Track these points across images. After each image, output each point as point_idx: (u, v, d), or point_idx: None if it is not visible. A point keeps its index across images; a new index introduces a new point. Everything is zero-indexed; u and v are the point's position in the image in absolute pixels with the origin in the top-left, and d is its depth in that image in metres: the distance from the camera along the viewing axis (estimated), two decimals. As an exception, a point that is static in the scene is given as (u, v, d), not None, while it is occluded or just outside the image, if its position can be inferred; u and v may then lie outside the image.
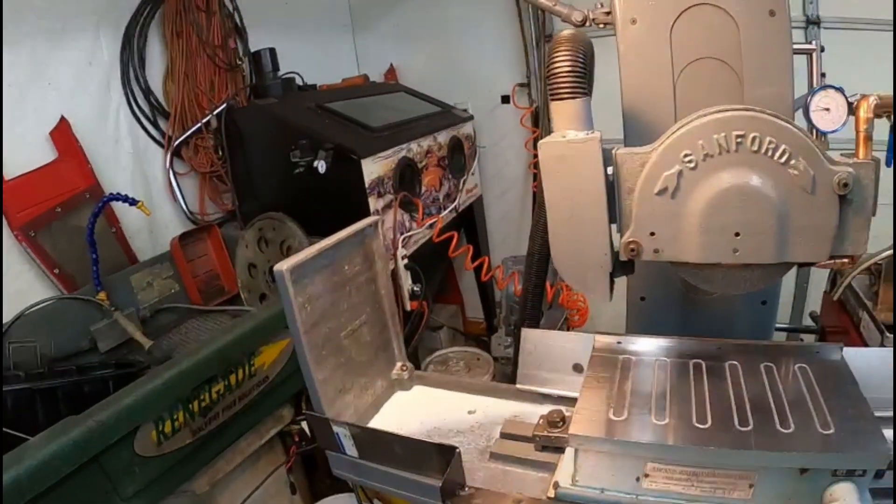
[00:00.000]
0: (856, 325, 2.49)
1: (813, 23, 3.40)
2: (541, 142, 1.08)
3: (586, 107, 1.07)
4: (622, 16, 1.34)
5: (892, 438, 1.14)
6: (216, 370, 1.90)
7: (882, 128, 1.18)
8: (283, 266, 1.16)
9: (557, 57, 1.06)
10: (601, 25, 1.44)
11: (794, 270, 1.28)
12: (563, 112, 1.07)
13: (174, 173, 3.07)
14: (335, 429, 1.27)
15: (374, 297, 1.47)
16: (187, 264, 2.82)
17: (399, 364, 1.54)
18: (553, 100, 1.07)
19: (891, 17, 3.37)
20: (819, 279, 3.31)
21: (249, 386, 2.05)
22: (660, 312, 1.55)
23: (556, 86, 1.06)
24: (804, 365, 1.24)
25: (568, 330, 3.40)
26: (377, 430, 1.29)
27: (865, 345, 2.40)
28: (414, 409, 1.49)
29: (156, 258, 2.80)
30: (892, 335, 2.24)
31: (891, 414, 1.24)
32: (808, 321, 3.39)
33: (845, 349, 1.28)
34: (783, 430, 1.05)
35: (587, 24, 1.48)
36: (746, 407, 1.11)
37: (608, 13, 1.41)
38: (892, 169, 1.18)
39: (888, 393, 1.25)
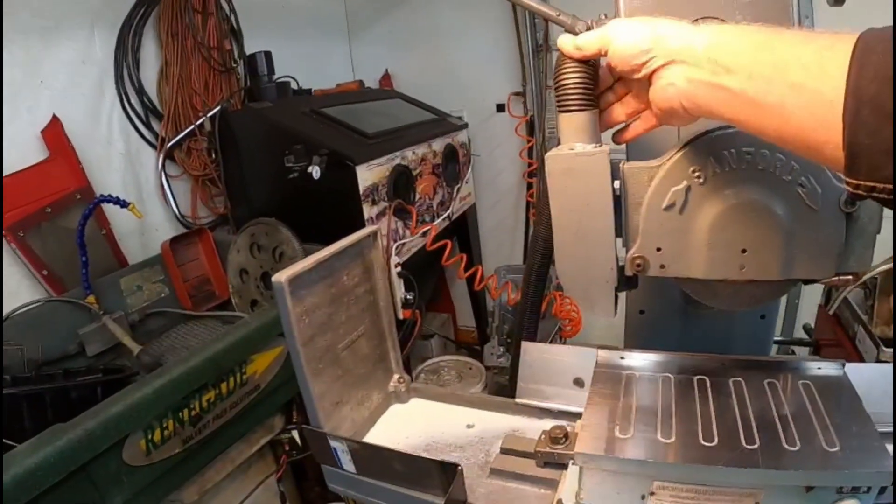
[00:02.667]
0: (851, 339, 2.50)
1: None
2: (548, 154, 1.06)
3: (594, 119, 1.05)
4: (627, 27, 1.32)
5: (892, 452, 1.15)
6: (207, 378, 1.87)
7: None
8: (282, 277, 1.14)
9: (566, 68, 1.05)
10: (606, 37, 1.42)
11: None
12: (571, 124, 1.05)
13: (166, 176, 3.04)
14: (332, 444, 1.24)
15: (373, 308, 1.44)
16: (178, 268, 2.79)
17: (396, 376, 1.52)
18: (561, 112, 1.05)
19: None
20: (811, 291, 3.33)
21: (241, 394, 2.03)
22: (659, 326, 1.54)
23: (564, 97, 1.04)
24: (807, 381, 1.24)
25: (561, 340, 3.41)
26: (376, 445, 1.26)
27: (861, 358, 2.41)
28: (411, 423, 1.47)
29: (146, 262, 2.77)
30: (888, 349, 2.25)
31: (891, 429, 1.23)
32: (800, 332, 3.40)
33: (846, 364, 1.28)
34: (789, 448, 1.04)
35: (591, 35, 1.46)
36: (752, 424, 1.11)
37: (613, 24, 1.39)
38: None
39: (888, 408, 1.25)
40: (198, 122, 3.00)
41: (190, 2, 2.99)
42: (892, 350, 2.24)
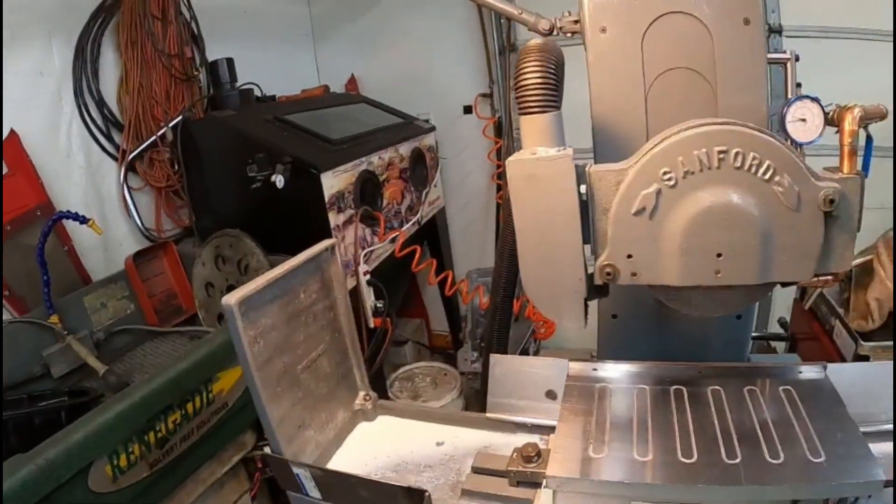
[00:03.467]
0: (828, 333, 2.49)
1: (775, 31, 3.43)
2: (509, 159, 1.00)
3: (557, 121, 1.00)
4: (591, 24, 1.27)
5: (890, 452, 1.14)
6: (172, 399, 1.82)
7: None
8: (231, 299, 1.07)
9: (526, 68, 0.99)
10: (569, 34, 1.37)
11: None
12: (532, 127, 0.99)
13: (129, 188, 2.95)
14: (295, 470, 1.18)
15: (333, 324, 1.38)
16: (143, 283, 2.70)
17: (362, 393, 1.46)
18: (522, 114, 1.00)
19: (851, 25, 3.44)
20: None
21: (208, 413, 1.96)
22: (632, 330, 1.49)
23: (525, 99, 0.99)
24: (788, 387, 1.21)
25: (535, 342, 3.37)
26: (340, 472, 1.20)
27: (839, 352, 2.40)
28: (379, 442, 1.41)
29: (110, 278, 2.67)
30: (866, 343, 2.24)
31: (876, 428, 1.22)
32: (775, 327, 3.39)
33: (828, 366, 1.25)
34: (772, 461, 1.01)
35: (554, 32, 1.41)
36: (733, 436, 1.07)
37: (576, 21, 1.34)
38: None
39: (872, 407, 1.23)
40: (159, 133, 2.91)
41: (149, 8, 2.89)
42: (870, 343, 2.23)
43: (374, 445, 1.40)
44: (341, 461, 1.36)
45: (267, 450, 2.24)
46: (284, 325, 1.21)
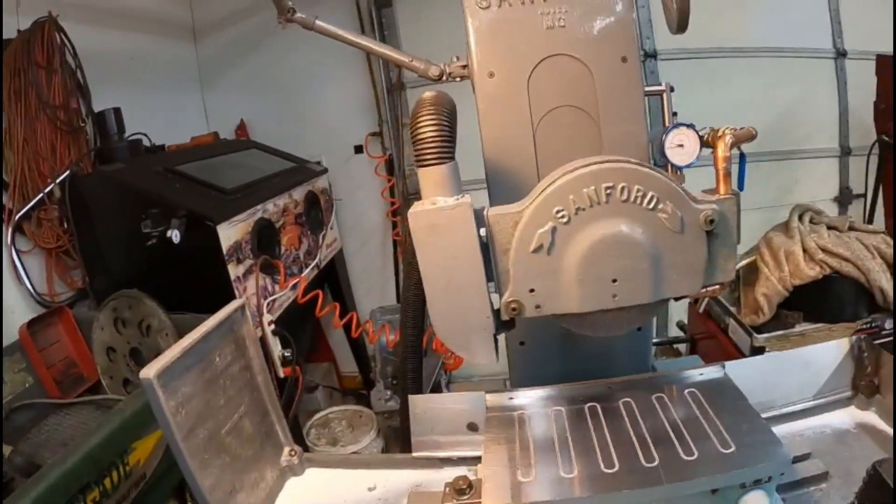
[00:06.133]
0: (724, 331, 2.67)
1: (651, 56, 3.68)
2: (410, 211, 1.04)
3: (454, 171, 1.05)
4: (479, 69, 1.34)
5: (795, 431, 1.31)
6: (88, 477, 1.71)
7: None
8: (150, 372, 1.04)
9: (421, 123, 1.04)
10: (458, 79, 1.44)
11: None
12: (430, 178, 1.04)
13: (17, 251, 2.76)
14: (228, 537, 1.15)
15: (251, 384, 1.36)
16: (40, 353, 2.53)
17: (287, 449, 1.44)
18: (420, 167, 1.04)
19: (720, 45, 3.75)
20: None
21: (126, 487, 1.87)
22: (540, 354, 1.56)
23: (421, 153, 1.03)
24: (692, 389, 1.30)
25: (446, 373, 3.42)
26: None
27: (735, 346, 2.58)
28: (311, 496, 1.39)
29: (4, 350, 2.49)
30: (760, 335, 2.42)
31: (779, 412, 1.38)
32: (675, 331, 3.61)
33: (726, 364, 1.36)
34: (687, 459, 1.09)
35: (444, 78, 1.47)
36: (648, 442, 1.15)
37: (465, 66, 1.41)
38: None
39: (773, 395, 1.38)
40: (46, 190, 2.76)
41: (33, 56, 2.75)
42: (763, 335, 2.42)
43: (307, 500, 1.39)
44: (276, 521, 1.33)
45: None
46: (203, 391, 1.19)
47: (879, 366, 1.36)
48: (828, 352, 1.41)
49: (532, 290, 1.10)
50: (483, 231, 1.06)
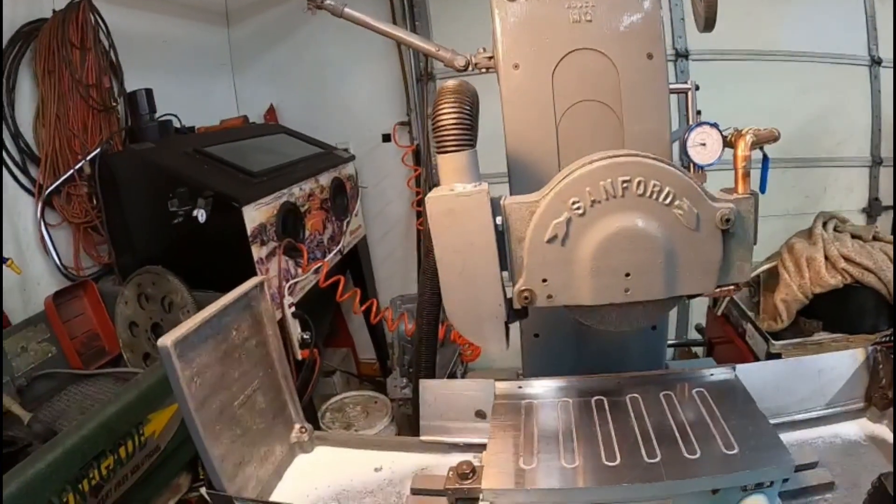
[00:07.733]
0: (741, 336, 2.64)
1: (682, 56, 3.64)
2: (428, 196, 1.06)
3: (473, 158, 1.06)
4: (505, 61, 1.35)
5: (806, 439, 1.29)
6: (104, 445, 1.75)
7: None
8: (168, 340, 1.07)
9: (442, 110, 1.05)
10: (483, 70, 1.45)
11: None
12: (449, 165, 1.05)
13: (46, 225, 2.83)
14: (237, 507, 1.18)
15: (266, 360, 1.39)
16: (64, 325, 2.59)
17: (297, 426, 1.47)
18: (439, 153, 1.06)
19: (753, 48, 3.70)
20: (703, 291, 3.53)
21: (141, 457, 1.91)
22: (555, 347, 1.57)
23: (442, 139, 1.05)
24: (701, 389, 1.30)
25: (462, 364, 3.43)
26: (282, 505, 1.21)
27: (752, 351, 2.55)
28: (318, 473, 1.42)
29: (29, 320, 2.56)
30: (777, 342, 2.39)
31: (790, 418, 1.36)
32: (693, 333, 3.58)
33: (737, 367, 1.35)
34: (690, 457, 1.09)
35: (469, 68, 1.49)
36: (652, 439, 1.15)
37: (490, 58, 1.42)
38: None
39: (783, 401, 1.36)
40: (77, 166, 2.81)
41: (67, 36, 2.79)
42: (780, 342, 2.39)
43: (314, 477, 1.41)
44: (282, 495, 1.36)
45: (203, 491, 2.20)
46: (219, 363, 1.22)
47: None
48: (842, 361, 1.40)
49: (545, 280, 1.11)
50: (499, 219, 1.08)
